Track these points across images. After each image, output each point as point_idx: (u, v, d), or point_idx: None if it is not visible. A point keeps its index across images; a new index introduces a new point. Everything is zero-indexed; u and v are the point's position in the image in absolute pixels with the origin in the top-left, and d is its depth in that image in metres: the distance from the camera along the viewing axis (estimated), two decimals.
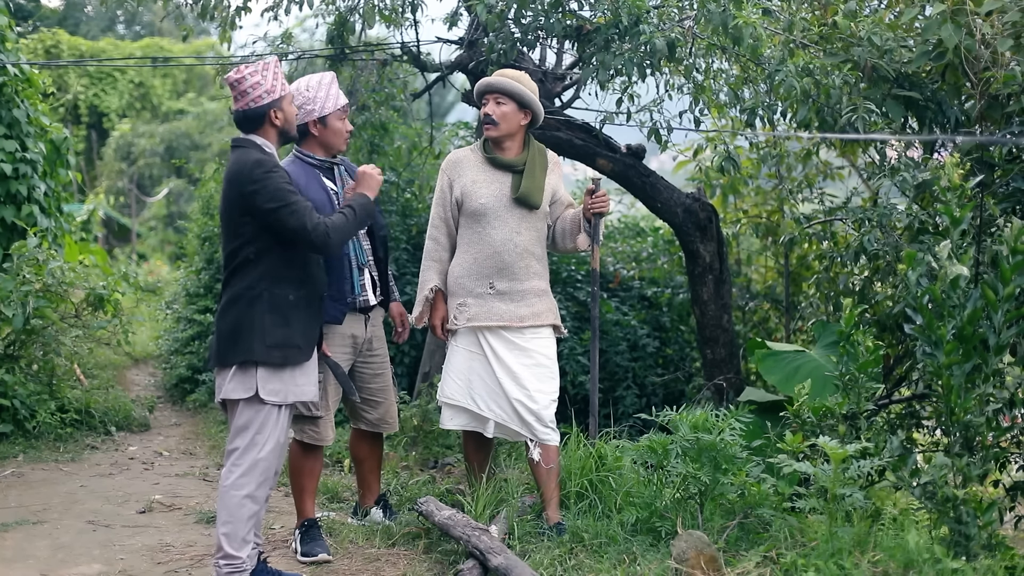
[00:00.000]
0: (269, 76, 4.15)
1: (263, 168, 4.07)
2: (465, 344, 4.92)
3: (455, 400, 4.93)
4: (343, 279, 4.76)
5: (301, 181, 4.65)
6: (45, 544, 4.95)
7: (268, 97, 4.15)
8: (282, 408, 4.17)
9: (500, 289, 4.85)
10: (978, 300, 4.01)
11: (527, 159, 4.92)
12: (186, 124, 23.52)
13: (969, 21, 5.55)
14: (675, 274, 9.31)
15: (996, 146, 5.72)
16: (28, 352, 7.43)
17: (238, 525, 4.09)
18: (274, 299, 4.11)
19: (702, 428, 4.71)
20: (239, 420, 4.13)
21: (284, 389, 4.14)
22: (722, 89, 6.55)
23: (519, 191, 4.86)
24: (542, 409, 4.82)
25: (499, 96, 4.89)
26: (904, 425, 6.79)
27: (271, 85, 4.15)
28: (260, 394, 4.08)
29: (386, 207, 8.40)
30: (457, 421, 4.98)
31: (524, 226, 4.89)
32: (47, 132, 8.45)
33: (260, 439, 4.11)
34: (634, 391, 8.46)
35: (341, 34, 7.38)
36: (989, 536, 3.92)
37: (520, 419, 4.83)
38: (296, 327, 4.15)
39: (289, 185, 4.11)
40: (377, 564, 4.64)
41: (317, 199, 4.65)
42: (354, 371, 4.94)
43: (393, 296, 5.13)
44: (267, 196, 4.04)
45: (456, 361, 4.95)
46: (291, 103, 4.26)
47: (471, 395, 4.90)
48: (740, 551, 4.41)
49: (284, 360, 4.12)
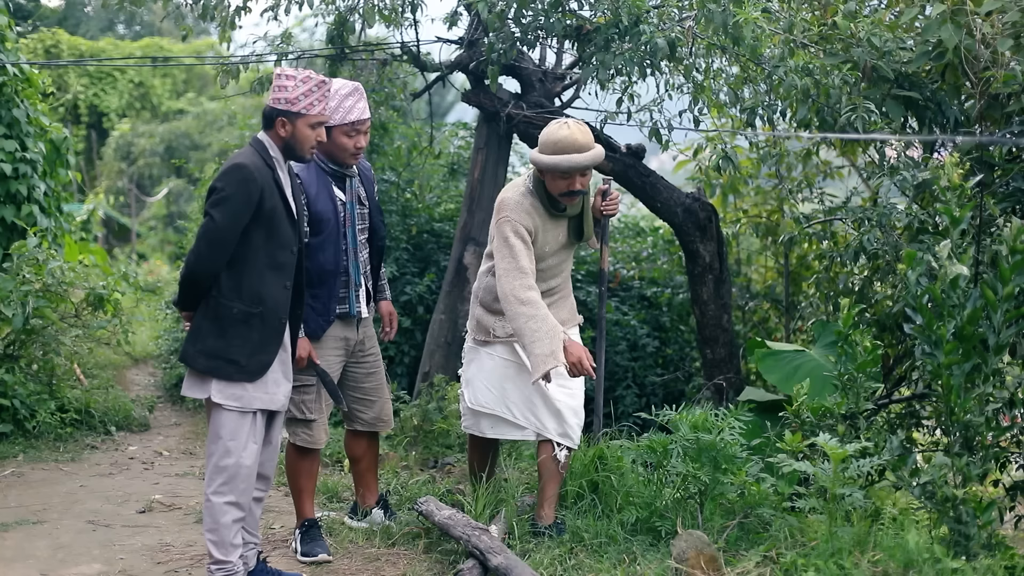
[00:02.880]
0: (300, 88, 4.04)
1: (236, 175, 3.95)
2: (501, 353, 4.87)
3: (491, 409, 4.87)
4: (332, 296, 4.71)
5: (312, 189, 4.59)
6: (45, 544, 4.95)
7: (285, 105, 4.05)
8: (255, 415, 4.08)
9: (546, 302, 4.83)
10: (978, 300, 4.01)
11: (583, 205, 4.89)
12: (186, 124, 23.51)
13: (969, 21, 5.55)
14: (675, 274, 9.31)
15: (996, 146, 5.73)
16: (28, 352, 7.43)
17: (224, 532, 4.06)
18: (218, 308, 3.98)
19: (702, 428, 4.71)
20: (212, 426, 4.08)
21: (246, 395, 4.03)
22: (722, 89, 6.55)
23: (583, 237, 4.93)
24: (580, 406, 4.83)
25: (586, 170, 4.69)
26: (904, 425, 6.80)
27: (295, 97, 4.03)
28: (214, 398, 4.00)
29: (386, 207, 8.40)
30: (499, 430, 4.91)
31: (569, 256, 4.97)
32: (47, 132, 8.45)
33: (235, 446, 4.03)
34: (634, 391, 8.47)
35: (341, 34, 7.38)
36: (989, 536, 3.93)
37: (559, 420, 4.76)
38: (234, 342, 3.98)
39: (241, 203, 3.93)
40: (377, 564, 4.64)
41: (323, 210, 4.61)
42: (347, 371, 4.93)
43: (384, 295, 5.12)
44: (214, 198, 3.96)
45: (489, 369, 4.88)
46: (309, 125, 4.09)
47: (506, 404, 4.84)
48: (740, 551, 4.42)
49: (210, 369, 3.98)
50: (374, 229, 4.92)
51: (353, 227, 4.77)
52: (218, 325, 4.00)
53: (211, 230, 3.94)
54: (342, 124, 4.59)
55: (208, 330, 4.00)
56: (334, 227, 4.66)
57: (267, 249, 4.04)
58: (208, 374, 4.01)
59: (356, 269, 4.78)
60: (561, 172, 4.62)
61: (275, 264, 4.07)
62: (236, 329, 4.00)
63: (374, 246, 4.94)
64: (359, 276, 4.80)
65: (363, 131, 4.65)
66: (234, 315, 3.99)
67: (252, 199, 3.96)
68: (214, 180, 4.01)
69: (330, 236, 4.65)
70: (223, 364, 3.99)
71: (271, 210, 4.02)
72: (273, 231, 4.04)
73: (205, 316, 4.02)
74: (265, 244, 4.03)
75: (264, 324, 4.04)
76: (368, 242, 4.90)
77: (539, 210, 4.74)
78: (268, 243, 4.04)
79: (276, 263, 4.07)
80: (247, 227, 3.97)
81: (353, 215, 4.77)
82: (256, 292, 4.02)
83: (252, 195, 3.95)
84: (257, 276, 4.02)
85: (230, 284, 3.99)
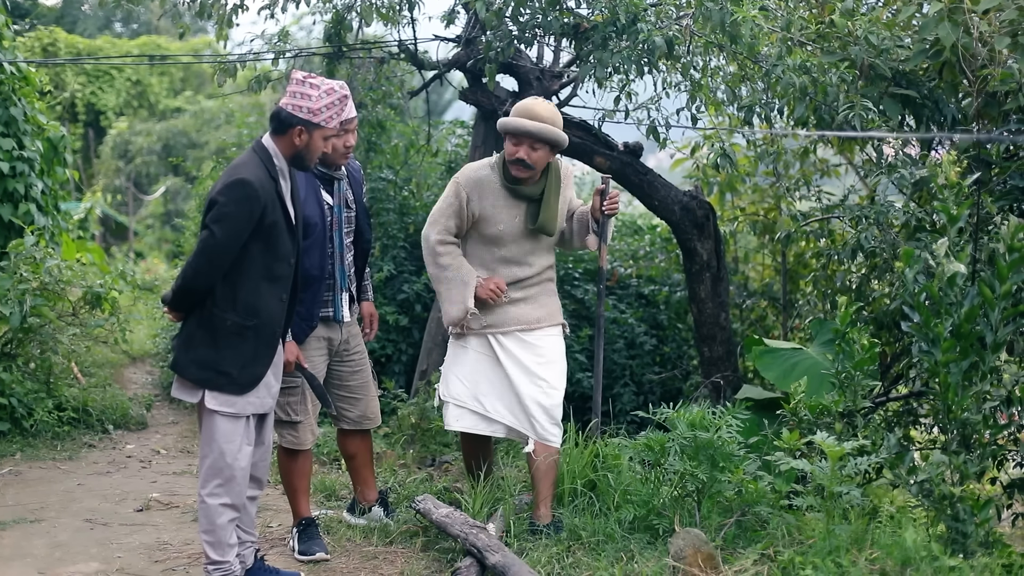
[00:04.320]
0: (324, 100, 3.96)
1: (239, 191, 3.87)
2: (474, 346, 4.90)
3: (460, 401, 4.91)
4: (316, 302, 4.70)
5: (300, 193, 4.58)
6: (43, 543, 4.95)
7: (307, 115, 3.96)
8: (248, 418, 4.07)
9: (515, 297, 4.88)
10: (975, 298, 4.01)
11: (544, 188, 4.86)
12: (183, 122, 23.49)
13: (966, 19, 5.55)
14: (672, 272, 9.30)
15: (993, 144, 5.73)
16: (25, 350, 7.42)
17: (219, 532, 4.06)
18: (212, 319, 3.95)
19: (699, 426, 4.71)
20: (204, 429, 4.06)
21: (239, 402, 4.00)
22: (720, 87, 6.55)
23: (536, 223, 4.83)
24: (554, 406, 4.82)
25: (535, 142, 4.75)
26: (901, 423, 6.80)
27: (318, 108, 3.96)
28: (207, 404, 3.97)
29: (383, 205, 8.39)
30: (463, 423, 4.94)
31: (539, 247, 4.93)
32: (44, 130, 8.43)
33: (229, 449, 4.01)
34: (631, 389, 8.46)
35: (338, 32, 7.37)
36: (986, 533, 3.93)
37: (528, 417, 4.80)
38: (226, 354, 3.95)
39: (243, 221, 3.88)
40: (375, 562, 4.64)
41: (311, 215, 4.59)
42: (333, 370, 4.91)
43: (366, 296, 5.11)
44: (215, 213, 3.88)
45: (464, 362, 4.92)
46: (324, 137, 4.05)
47: (477, 397, 4.88)
48: (738, 549, 4.42)
49: (202, 380, 3.95)
50: (360, 231, 4.91)
51: (340, 231, 4.76)
52: (211, 336, 3.96)
53: (210, 246, 3.89)
54: None
55: (201, 339, 3.97)
56: (321, 232, 4.65)
57: (264, 261, 3.99)
58: (199, 384, 3.98)
59: (342, 274, 4.78)
60: (508, 133, 4.76)
61: (272, 276, 4.02)
62: (229, 341, 3.96)
63: (359, 248, 4.93)
64: (344, 280, 4.80)
65: (351, 130, 4.67)
66: (228, 327, 3.95)
67: (254, 216, 3.90)
68: (216, 192, 3.93)
69: (316, 241, 4.64)
70: (214, 376, 3.96)
71: (271, 225, 3.97)
72: (272, 244, 4.00)
73: (199, 325, 3.98)
74: (262, 256, 3.98)
75: (258, 337, 4.01)
76: (353, 244, 4.90)
77: (494, 185, 4.84)
78: (265, 255, 3.99)
79: (273, 275, 4.03)
80: (246, 241, 3.93)
81: (340, 219, 4.76)
82: (251, 305, 3.97)
83: (254, 212, 3.90)
84: (253, 288, 3.97)
85: (225, 295, 3.95)
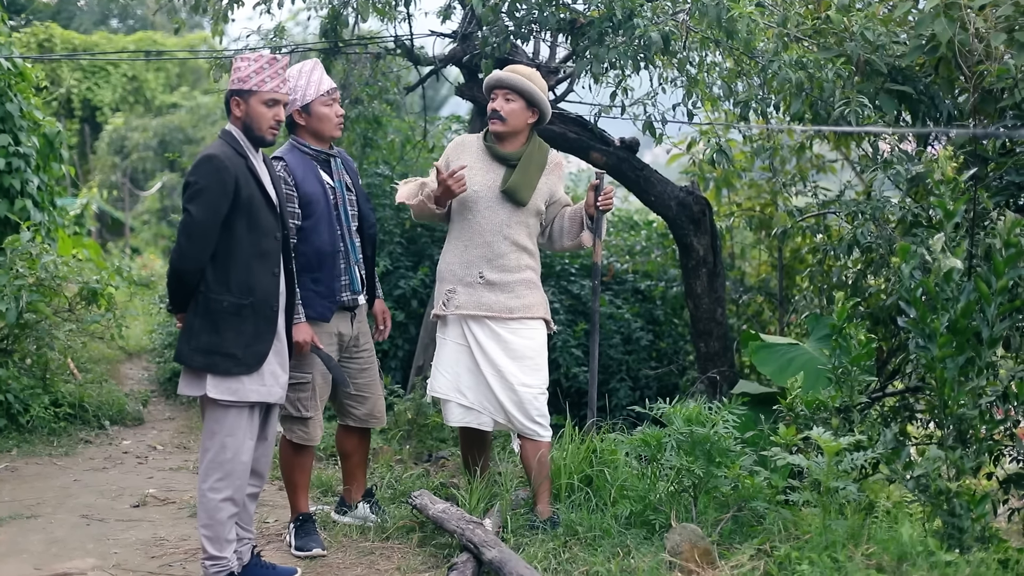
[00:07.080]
0: (252, 67, 4.02)
1: (208, 166, 3.93)
2: (453, 336, 4.91)
3: (443, 394, 4.92)
4: (334, 277, 4.71)
5: (298, 172, 4.63)
6: (39, 538, 4.94)
7: (238, 84, 4.03)
8: (253, 408, 4.07)
9: (490, 279, 4.83)
10: (971, 293, 4.02)
11: (524, 154, 4.89)
12: (179, 118, 23.48)
13: (962, 15, 5.55)
14: (669, 267, 9.31)
15: (989, 139, 5.73)
16: (22, 346, 7.42)
17: (218, 527, 4.05)
18: (208, 303, 3.96)
19: (696, 421, 4.71)
20: (207, 422, 4.06)
21: (242, 388, 4.00)
22: (716, 82, 6.55)
23: (507, 184, 4.83)
24: (526, 404, 4.80)
25: (509, 92, 4.84)
26: (898, 418, 6.81)
27: (247, 75, 4.02)
28: (210, 394, 3.97)
29: (380, 201, 8.39)
30: (452, 416, 4.95)
31: (515, 220, 4.87)
32: (40, 126, 8.42)
33: (231, 442, 4.01)
34: (628, 384, 8.47)
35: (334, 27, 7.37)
36: (982, 529, 3.93)
37: (506, 413, 4.82)
38: (228, 335, 3.95)
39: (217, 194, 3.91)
40: (371, 558, 4.64)
41: (312, 192, 4.63)
42: (341, 366, 4.91)
43: (377, 294, 5.11)
44: (189, 192, 3.94)
45: (445, 354, 4.94)
46: (263, 103, 4.04)
47: (459, 389, 4.88)
48: (734, 544, 4.42)
49: (207, 366, 3.95)
50: (363, 216, 4.92)
51: (345, 209, 4.78)
52: (210, 320, 3.97)
53: (189, 224, 3.92)
54: (319, 96, 4.70)
55: (201, 327, 3.98)
56: (325, 208, 4.67)
57: (250, 238, 4.01)
58: (205, 370, 3.98)
59: (353, 247, 4.80)
60: (487, 88, 4.94)
61: (260, 252, 4.04)
62: (228, 322, 3.98)
63: (365, 234, 4.93)
64: (356, 253, 4.82)
65: (336, 99, 4.78)
66: (225, 308, 3.97)
67: (227, 188, 3.94)
68: (187, 175, 3.99)
69: (322, 217, 4.66)
70: (219, 359, 3.97)
71: (248, 198, 4.00)
72: (254, 219, 4.02)
73: (196, 313, 3.99)
74: (248, 233, 4.01)
75: (256, 314, 4.02)
76: (359, 231, 4.90)
77: (475, 146, 4.98)
78: (251, 232, 4.01)
79: (261, 251, 4.05)
80: (228, 218, 3.96)
81: (343, 197, 4.78)
82: (244, 282, 4.00)
83: (227, 184, 3.94)
84: (244, 266, 4.00)
85: (217, 277, 3.97)
